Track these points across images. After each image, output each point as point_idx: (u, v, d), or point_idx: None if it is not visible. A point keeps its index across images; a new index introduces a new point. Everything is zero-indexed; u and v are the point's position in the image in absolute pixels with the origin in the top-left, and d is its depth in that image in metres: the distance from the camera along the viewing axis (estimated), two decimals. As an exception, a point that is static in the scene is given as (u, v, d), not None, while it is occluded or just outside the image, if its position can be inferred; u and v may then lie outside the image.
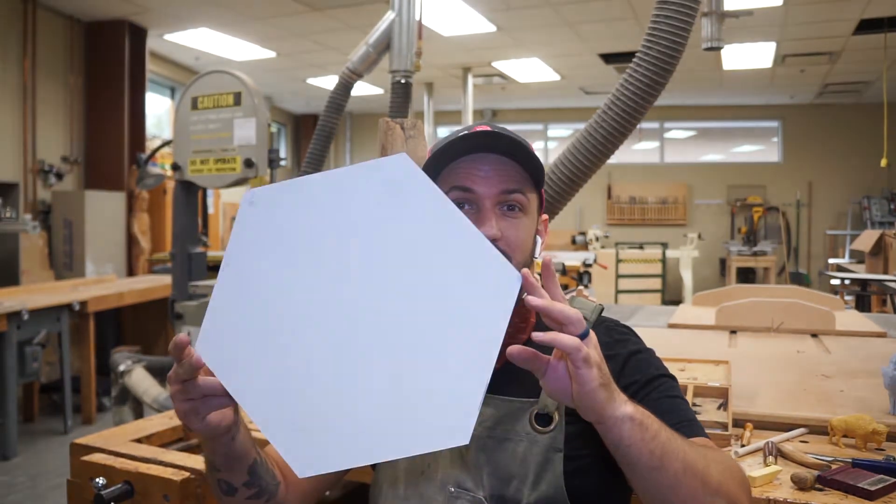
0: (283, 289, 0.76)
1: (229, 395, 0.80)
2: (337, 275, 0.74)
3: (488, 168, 0.99)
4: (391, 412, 0.73)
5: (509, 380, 1.01)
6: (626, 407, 0.79)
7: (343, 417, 0.74)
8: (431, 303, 0.73)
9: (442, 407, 0.72)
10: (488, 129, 1.01)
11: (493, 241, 0.97)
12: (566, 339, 0.74)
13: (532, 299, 0.75)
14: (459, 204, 1.00)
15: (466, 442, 0.73)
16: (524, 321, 1.04)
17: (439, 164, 1.02)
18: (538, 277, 1.12)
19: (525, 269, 0.76)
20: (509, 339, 1.01)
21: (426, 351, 0.73)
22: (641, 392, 0.99)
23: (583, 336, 0.75)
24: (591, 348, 0.76)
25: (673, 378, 1.04)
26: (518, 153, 0.99)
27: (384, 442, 0.73)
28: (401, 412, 0.73)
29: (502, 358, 1.01)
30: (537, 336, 0.75)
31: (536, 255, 1.07)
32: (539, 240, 1.07)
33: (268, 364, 0.77)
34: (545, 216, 1.11)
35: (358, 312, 0.74)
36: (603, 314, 1.09)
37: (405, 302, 0.73)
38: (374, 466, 1.09)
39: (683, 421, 0.96)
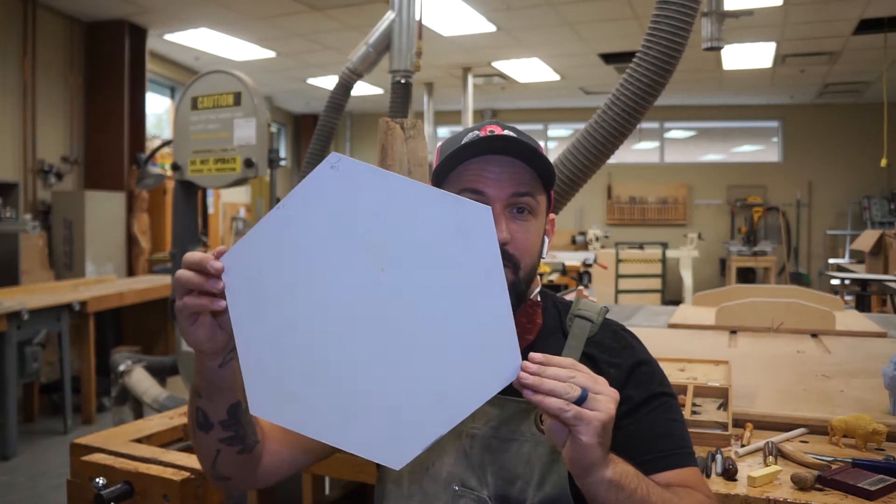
0: (316, 257, 0.78)
1: (226, 317, 0.82)
2: (367, 272, 0.77)
3: (499, 170, 0.99)
4: (360, 409, 0.78)
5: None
6: (607, 471, 0.80)
7: (318, 390, 0.79)
8: (438, 344, 0.76)
9: (398, 431, 0.77)
10: (498, 129, 1.01)
11: (503, 244, 0.97)
12: (550, 403, 0.74)
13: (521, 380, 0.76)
14: None
15: (398, 468, 0.78)
16: (531, 321, 1.04)
17: (452, 165, 1.02)
18: (539, 279, 1.13)
19: (533, 354, 0.77)
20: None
21: (413, 379, 0.77)
22: (641, 409, 0.99)
23: (579, 401, 0.75)
24: (590, 408, 0.76)
25: (673, 396, 1.04)
26: (528, 156, 0.99)
27: (335, 427, 0.79)
28: (368, 414, 0.78)
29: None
30: (523, 378, 0.76)
31: (543, 255, 1.07)
32: (546, 240, 1.08)
33: (275, 312, 0.79)
34: (552, 215, 1.11)
35: (371, 314, 0.77)
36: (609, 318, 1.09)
37: (417, 330, 0.77)
38: (379, 468, 1.09)
39: (675, 450, 0.97)
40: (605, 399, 0.76)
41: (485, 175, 0.99)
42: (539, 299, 1.08)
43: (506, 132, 1.01)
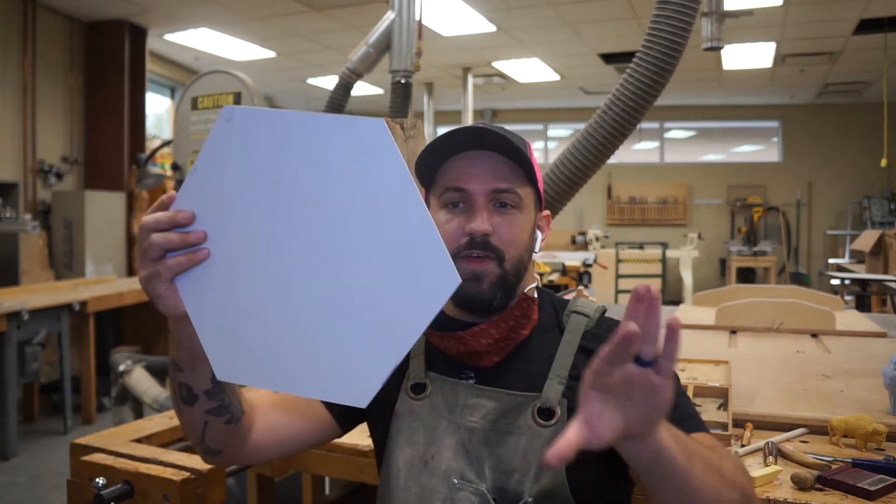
0: (239, 210, 0.78)
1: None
2: (288, 214, 0.77)
3: (480, 165, 1.00)
4: (311, 353, 0.77)
5: (511, 374, 1.02)
6: (664, 431, 0.75)
7: (270, 342, 0.78)
8: (371, 272, 0.74)
9: (354, 368, 0.75)
10: (480, 126, 1.02)
11: (485, 235, 0.98)
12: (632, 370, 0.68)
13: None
14: (454, 203, 1.02)
15: (364, 406, 0.75)
16: (525, 316, 1.04)
17: (433, 162, 1.04)
18: (537, 277, 1.13)
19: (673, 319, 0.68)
20: (509, 332, 1.02)
21: (354, 313, 0.75)
22: None
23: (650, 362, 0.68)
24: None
25: (674, 375, 1.03)
26: (508, 150, 1.00)
27: (295, 376, 0.78)
28: (319, 356, 0.77)
29: (501, 352, 1.01)
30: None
31: (536, 250, 1.08)
32: (539, 235, 1.08)
33: (215, 273, 0.80)
34: (546, 212, 1.11)
35: (301, 255, 0.77)
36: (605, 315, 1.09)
37: (347, 262, 0.75)
38: (379, 462, 1.09)
39: (686, 417, 0.95)
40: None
41: (466, 171, 1.01)
42: (535, 296, 1.08)
43: (484, 127, 1.01)
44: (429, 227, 0.73)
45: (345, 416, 1.11)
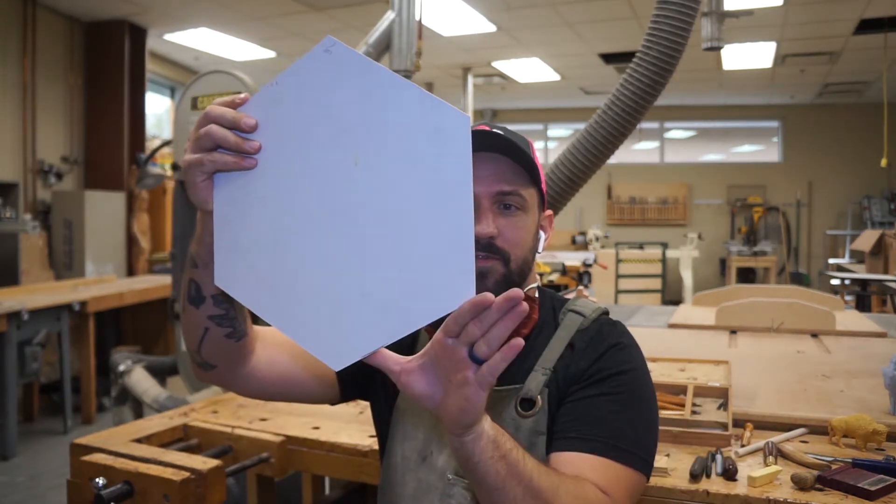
0: (298, 139, 0.78)
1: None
2: (342, 162, 0.76)
3: (484, 167, 1.00)
4: (309, 298, 0.77)
5: (507, 371, 1.01)
6: (486, 424, 0.78)
7: (276, 271, 0.78)
8: (397, 251, 0.74)
9: (342, 330, 0.75)
10: (485, 128, 1.02)
11: (491, 238, 0.98)
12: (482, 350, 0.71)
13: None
14: None
15: (335, 369, 0.75)
16: (527, 316, 1.03)
17: None
18: (538, 278, 1.13)
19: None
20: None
21: (366, 280, 0.75)
22: (588, 389, 0.96)
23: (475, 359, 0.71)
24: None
25: (638, 391, 0.98)
26: (512, 151, 1.00)
27: (285, 312, 0.78)
28: (316, 304, 0.76)
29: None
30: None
31: (539, 250, 1.08)
32: (543, 235, 1.08)
33: (252, 188, 0.80)
34: (549, 212, 1.11)
35: (339, 206, 0.76)
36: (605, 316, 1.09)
37: (379, 231, 0.75)
38: (381, 459, 1.10)
39: (602, 438, 0.92)
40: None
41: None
42: (536, 295, 1.08)
43: (490, 129, 1.01)
44: (468, 234, 0.72)
45: (348, 383, 1.10)
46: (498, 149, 1.00)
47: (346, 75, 0.76)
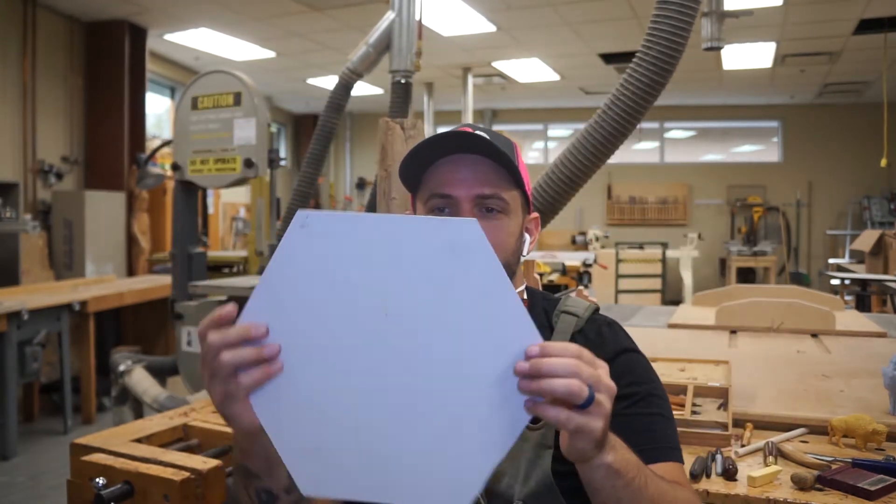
0: (316, 318, 0.74)
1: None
2: (371, 321, 0.73)
3: (464, 170, 0.99)
4: (404, 461, 0.73)
5: None
6: (608, 456, 0.77)
7: (358, 452, 0.74)
8: (466, 376, 0.71)
9: (451, 473, 0.72)
10: (467, 130, 1.00)
11: None
12: (551, 415, 0.70)
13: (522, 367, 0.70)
14: (439, 208, 1.01)
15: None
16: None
17: (418, 167, 1.03)
18: (537, 278, 1.13)
19: (531, 347, 0.70)
20: None
21: (448, 419, 0.72)
22: (619, 402, 0.95)
23: (585, 404, 0.70)
24: (595, 414, 0.71)
25: (655, 390, 1.01)
26: (493, 153, 0.99)
27: (389, 485, 0.74)
28: (413, 464, 0.73)
29: None
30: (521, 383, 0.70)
31: (524, 254, 1.07)
32: (528, 238, 1.07)
33: (292, 384, 0.75)
34: (535, 214, 1.10)
35: (388, 362, 0.73)
36: (599, 313, 1.09)
37: (440, 367, 0.72)
38: None
39: (655, 444, 0.95)
40: (606, 399, 0.72)
41: (452, 177, 1.00)
42: (525, 297, 1.08)
43: (476, 132, 1.00)
44: (528, 328, 0.70)
45: None
46: (478, 150, 0.99)
47: (334, 237, 0.73)
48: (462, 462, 0.72)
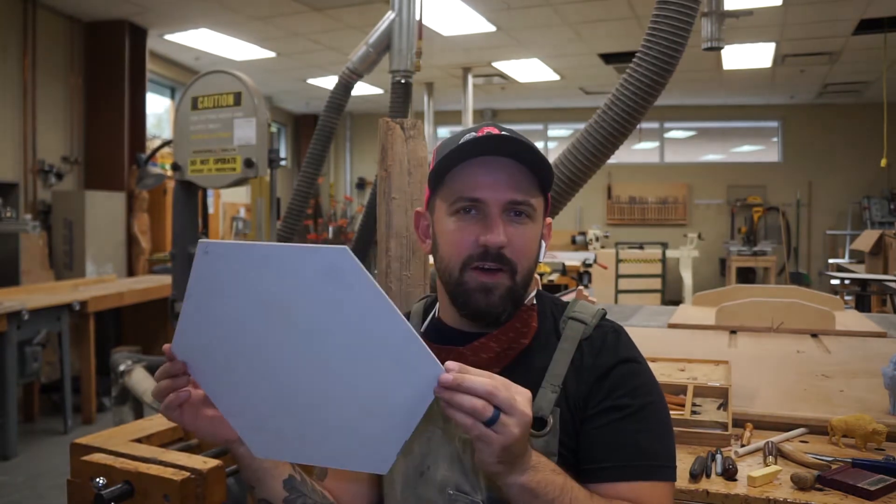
0: (234, 334, 0.84)
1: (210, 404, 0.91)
2: (279, 335, 0.81)
3: (497, 174, 0.97)
4: (331, 435, 0.85)
5: None
6: (521, 476, 0.81)
7: (295, 428, 0.86)
8: (364, 377, 0.80)
9: (369, 444, 0.84)
10: (495, 130, 0.99)
11: (500, 248, 0.97)
12: (460, 418, 0.77)
13: (441, 385, 0.77)
14: (465, 209, 0.99)
15: (384, 472, 0.84)
16: (525, 325, 1.03)
17: (447, 167, 1.00)
18: (537, 279, 1.12)
19: (449, 363, 0.78)
20: (510, 343, 1.01)
21: (358, 408, 0.82)
22: (608, 414, 0.96)
23: (490, 422, 0.76)
24: (498, 432, 0.77)
25: (652, 403, 0.98)
26: (527, 158, 0.98)
27: (322, 452, 0.87)
28: (335, 439, 0.85)
29: (501, 363, 1.01)
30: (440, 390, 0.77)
31: (540, 259, 1.06)
32: (543, 244, 1.06)
33: (234, 383, 0.87)
34: (549, 219, 1.10)
35: (302, 368, 0.82)
36: (607, 319, 1.07)
37: (341, 376, 0.80)
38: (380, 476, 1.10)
39: (635, 461, 0.94)
40: (513, 423, 0.77)
41: (481, 179, 0.97)
42: (535, 302, 1.06)
43: (503, 133, 0.99)
44: (411, 336, 0.77)
45: None
46: (511, 154, 0.97)
47: (233, 264, 0.80)
48: (378, 439, 0.82)
